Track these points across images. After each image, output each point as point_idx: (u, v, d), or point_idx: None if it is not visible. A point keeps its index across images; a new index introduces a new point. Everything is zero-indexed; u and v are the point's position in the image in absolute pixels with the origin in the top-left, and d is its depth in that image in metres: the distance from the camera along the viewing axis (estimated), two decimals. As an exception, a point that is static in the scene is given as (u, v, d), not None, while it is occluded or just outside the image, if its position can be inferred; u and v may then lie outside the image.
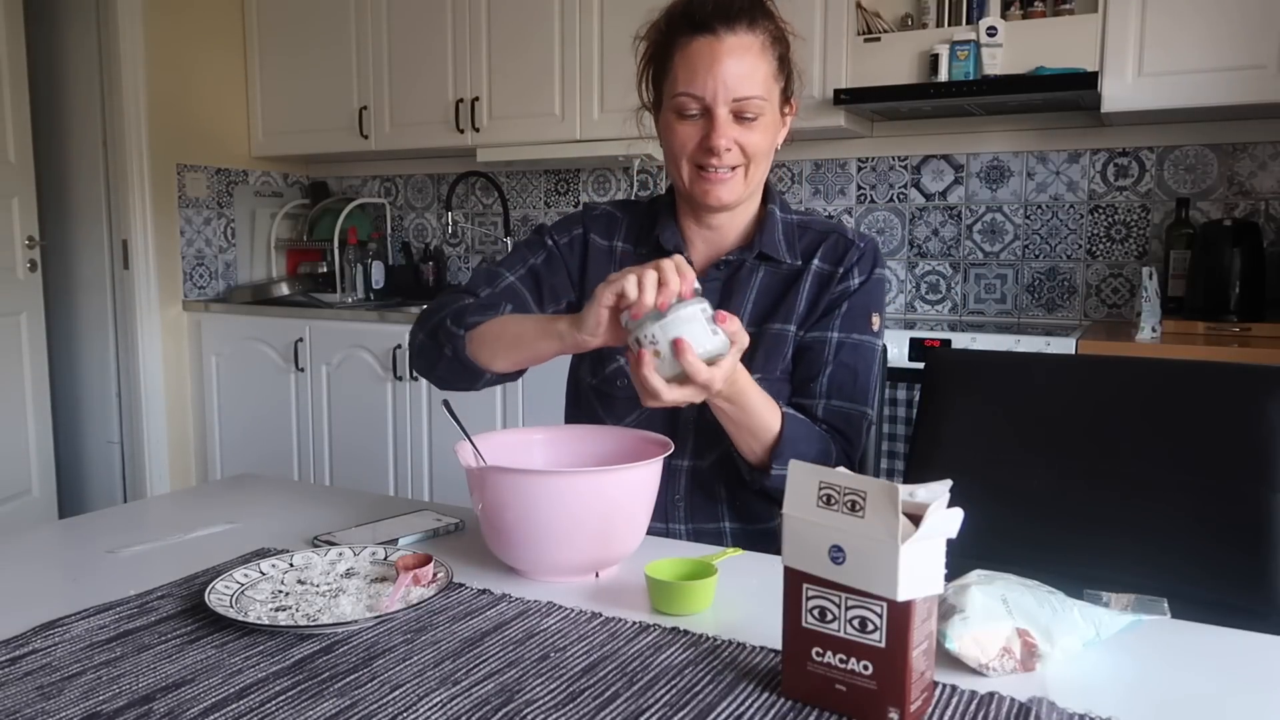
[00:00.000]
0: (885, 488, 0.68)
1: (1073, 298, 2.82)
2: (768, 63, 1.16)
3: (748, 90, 1.14)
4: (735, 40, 1.13)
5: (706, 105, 1.15)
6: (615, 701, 0.72)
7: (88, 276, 3.64)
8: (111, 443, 3.67)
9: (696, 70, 1.14)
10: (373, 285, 3.66)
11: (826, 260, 1.26)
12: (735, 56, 1.13)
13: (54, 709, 0.71)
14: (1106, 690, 0.74)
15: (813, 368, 1.23)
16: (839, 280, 1.25)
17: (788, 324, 1.24)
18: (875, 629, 0.69)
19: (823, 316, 1.24)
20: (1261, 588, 1.05)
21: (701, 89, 1.14)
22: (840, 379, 1.23)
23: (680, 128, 1.17)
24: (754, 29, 1.14)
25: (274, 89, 3.76)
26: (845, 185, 3.09)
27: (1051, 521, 1.17)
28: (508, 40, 3.24)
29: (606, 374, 1.27)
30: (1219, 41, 2.31)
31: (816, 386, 1.23)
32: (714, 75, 1.13)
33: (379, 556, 1.01)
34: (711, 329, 0.97)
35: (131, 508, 1.42)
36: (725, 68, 1.13)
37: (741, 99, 1.14)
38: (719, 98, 1.14)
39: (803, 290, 1.24)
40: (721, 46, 1.13)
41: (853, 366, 1.24)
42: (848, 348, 1.24)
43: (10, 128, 3.35)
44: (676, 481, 1.25)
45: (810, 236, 1.28)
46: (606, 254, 1.31)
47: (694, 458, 1.25)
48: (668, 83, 1.18)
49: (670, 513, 1.26)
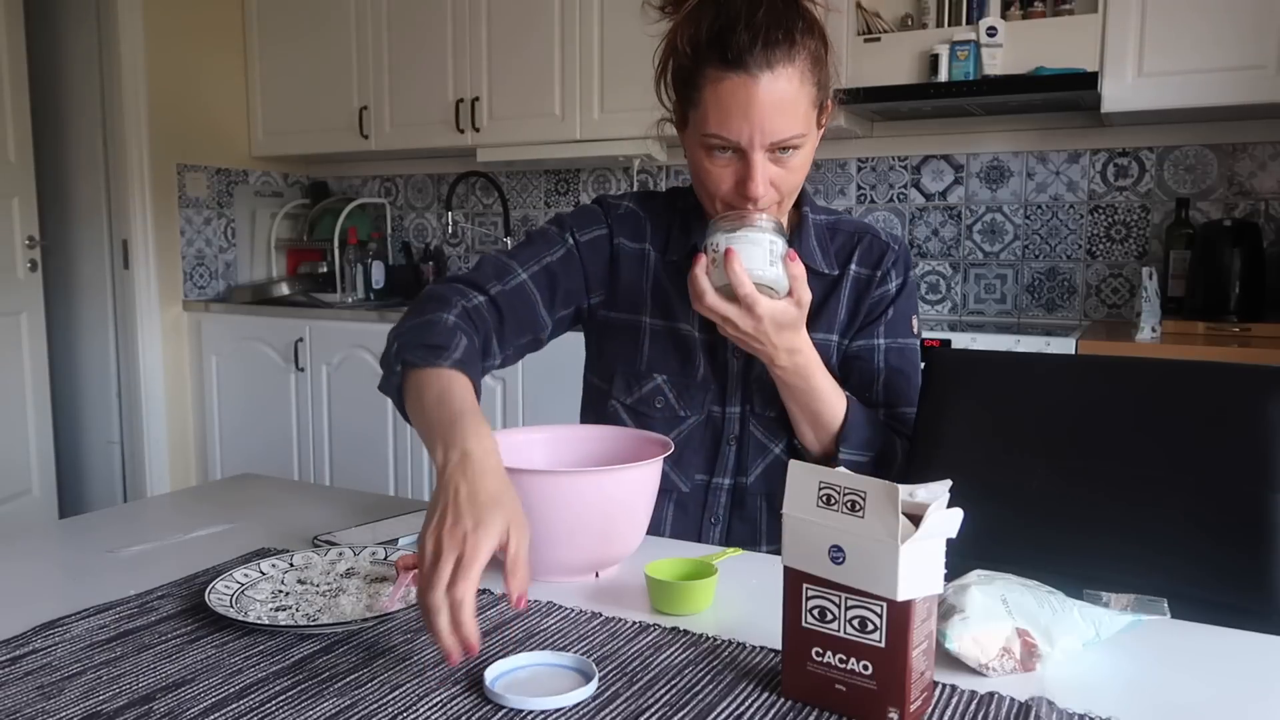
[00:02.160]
0: (885, 488, 0.68)
1: (1073, 298, 2.83)
2: (808, 92, 1.05)
3: (788, 131, 1.03)
4: (772, 80, 1.01)
5: (742, 148, 1.04)
6: (615, 701, 0.72)
7: (88, 276, 3.65)
8: (111, 443, 3.67)
9: (730, 114, 1.02)
10: (373, 285, 3.66)
11: (864, 265, 1.22)
12: (773, 100, 1.01)
13: (54, 709, 0.71)
14: (1106, 690, 0.74)
15: (866, 377, 1.21)
16: (878, 284, 1.21)
17: (830, 334, 1.21)
18: (875, 629, 0.69)
19: (866, 325, 1.22)
20: (1261, 588, 1.05)
21: (736, 134, 1.03)
22: (895, 385, 1.22)
23: (711, 167, 1.07)
24: (793, 57, 1.02)
25: (274, 89, 3.76)
26: (845, 185, 3.09)
27: (1051, 521, 1.17)
28: (508, 40, 3.24)
29: (644, 394, 1.22)
30: (1219, 42, 2.31)
31: (873, 396, 1.21)
32: (750, 121, 1.02)
33: (379, 556, 1.01)
34: (771, 259, 0.98)
35: (131, 508, 1.42)
36: (762, 112, 1.01)
37: (783, 140, 1.04)
38: (755, 143, 1.03)
39: (843, 297, 1.21)
40: (758, 88, 1.01)
41: (903, 370, 1.23)
42: (894, 352, 1.22)
43: (10, 128, 3.36)
44: (716, 501, 1.21)
45: (842, 239, 1.23)
46: (638, 260, 1.22)
47: (735, 475, 1.21)
48: (696, 114, 1.06)
49: (704, 533, 1.22)
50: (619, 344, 1.24)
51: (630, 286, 1.22)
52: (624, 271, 1.22)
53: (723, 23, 1.02)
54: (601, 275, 1.22)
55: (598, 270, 1.22)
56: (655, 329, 1.22)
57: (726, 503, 1.22)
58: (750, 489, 1.21)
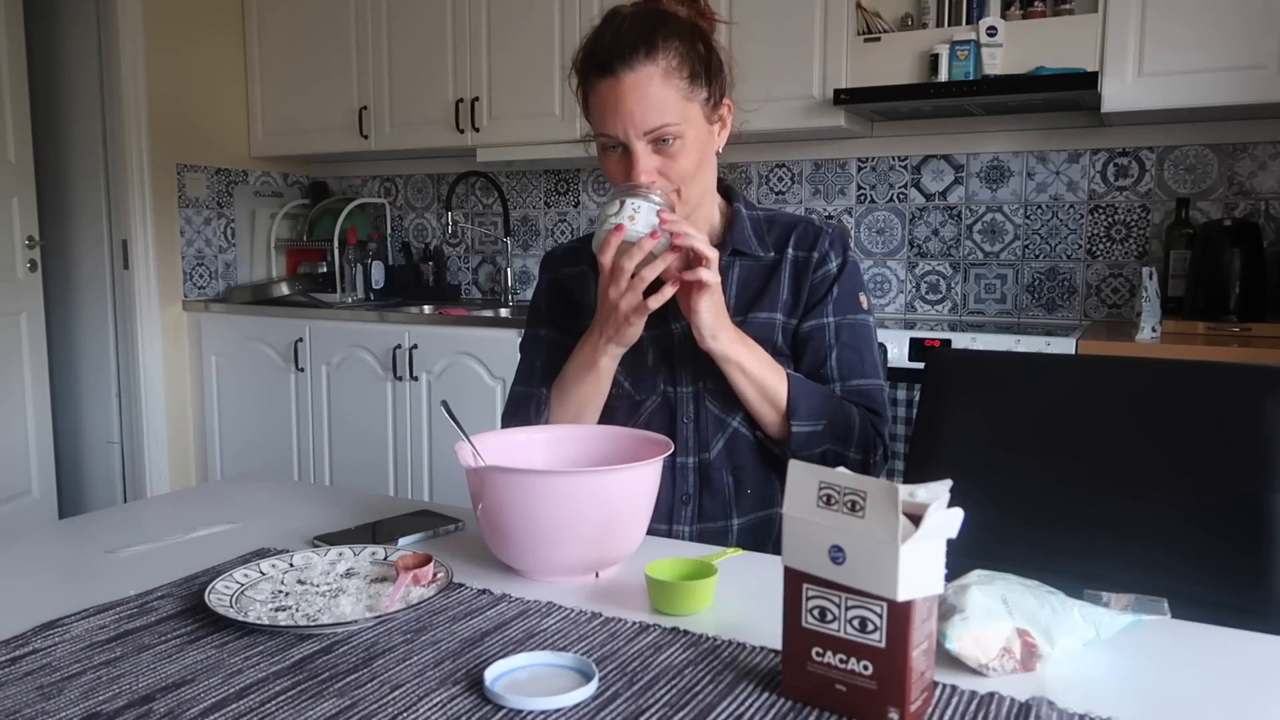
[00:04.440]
0: (885, 488, 0.68)
1: (1073, 298, 2.83)
2: (674, 87, 1.16)
3: (656, 120, 1.15)
4: (633, 77, 1.15)
5: (621, 142, 1.17)
6: (615, 701, 0.72)
7: (88, 276, 3.64)
8: (111, 443, 3.67)
9: (605, 112, 1.17)
10: (373, 285, 3.66)
11: (800, 247, 1.30)
12: (637, 93, 1.15)
13: (54, 709, 0.71)
14: (1106, 690, 0.74)
15: (818, 355, 1.28)
16: (817, 265, 1.28)
17: (774, 312, 1.28)
18: (875, 629, 0.69)
19: (814, 305, 1.28)
20: (1261, 588, 1.05)
21: (613, 128, 1.16)
22: (848, 360, 1.28)
23: (608, 162, 1.21)
24: (652, 57, 1.15)
25: (274, 89, 3.76)
26: (845, 185, 3.09)
27: (1051, 521, 1.17)
28: (508, 40, 3.24)
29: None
30: (1219, 41, 2.31)
31: (827, 371, 1.27)
32: (619, 115, 1.15)
33: (379, 556, 1.01)
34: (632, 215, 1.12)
35: (131, 508, 1.42)
36: (628, 106, 1.15)
37: (653, 130, 1.15)
38: (630, 134, 1.16)
39: (783, 278, 1.28)
40: (621, 86, 1.15)
41: (855, 346, 1.29)
42: (846, 328, 1.29)
43: (10, 128, 3.36)
44: (685, 480, 1.27)
45: (779, 228, 1.32)
46: (579, 280, 1.36)
47: (698, 452, 1.27)
48: (592, 122, 1.22)
49: (676, 513, 1.27)
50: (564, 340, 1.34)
51: (577, 302, 1.36)
52: (571, 294, 1.36)
53: (598, 42, 1.19)
54: (562, 308, 1.37)
55: (561, 307, 1.37)
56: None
57: (695, 481, 1.27)
58: (714, 464, 1.27)
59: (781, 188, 3.16)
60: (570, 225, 3.59)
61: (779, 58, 2.77)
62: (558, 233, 3.61)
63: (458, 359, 3.06)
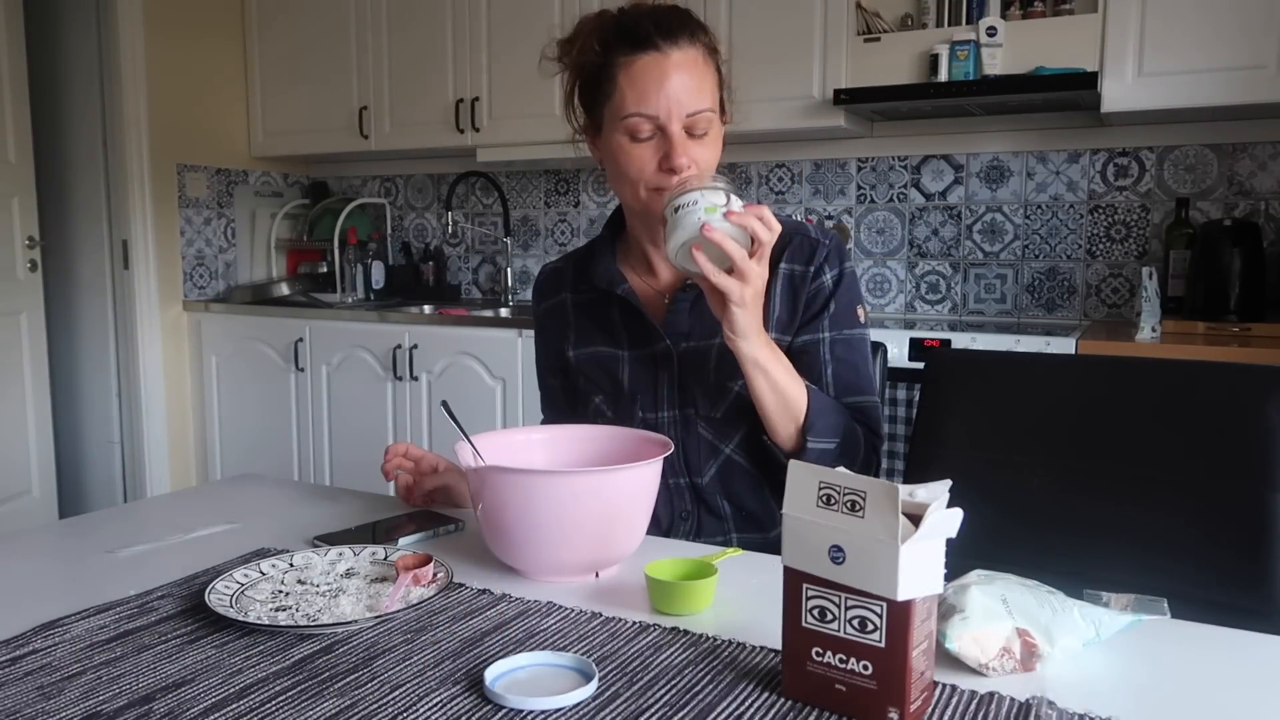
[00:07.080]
0: (885, 488, 0.68)
1: (1073, 298, 2.83)
2: (711, 74, 1.15)
3: (699, 104, 1.12)
4: (681, 55, 1.12)
5: (661, 124, 1.12)
6: (615, 701, 0.72)
7: (88, 276, 3.64)
8: (111, 443, 3.67)
9: (647, 89, 1.11)
10: (373, 285, 3.66)
11: (795, 261, 1.24)
12: (684, 71, 1.12)
13: (54, 709, 0.71)
14: (1106, 690, 0.74)
15: (813, 370, 1.23)
16: (812, 279, 1.24)
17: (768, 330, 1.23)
18: (875, 629, 0.69)
19: (810, 319, 1.24)
20: (1261, 588, 1.05)
21: (655, 108, 1.11)
22: (844, 376, 1.24)
23: (635, 150, 1.15)
24: (694, 42, 1.13)
25: (274, 89, 3.76)
26: (845, 185, 3.09)
27: (1051, 521, 1.17)
28: (508, 40, 3.24)
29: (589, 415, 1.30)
30: (1219, 41, 2.31)
31: (822, 387, 1.23)
32: (666, 93, 1.11)
33: (379, 556, 1.01)
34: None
35: (131, 508, 1.42)
36: (676, 83, 1.11)
37: (694, 114, 1.12)
38: (673, 115, 1.11)
39: (775, 294, 1.23)
40: (669, 62, 1.11)
41: (851, 361, 1.25)
42: (841, 344, 1.24)
43: (10, 128, 3.36)
44: (681, 499, 1.26)
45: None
46: (560, 310, 1.34)
47: (690, 475, 1.25)
48: (612, 105, 1.15)
49: (675, 530, 1.26)
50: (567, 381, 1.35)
51: (557, 336, 1.34)
52: (554, 324, 1.35)
53: (626, 20, 1.13)
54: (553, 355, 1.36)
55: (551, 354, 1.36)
56: (581, 358, 1.31)
57: (691, 498, 1.26)
58: (708, 489, 1.25)
59: (781, 188, 3.16)
60: (570, 225, 3.59)
61: (779, 58, 2.77)
62: (558, 233, 3.61)
63: (458, 359, 3.06)
